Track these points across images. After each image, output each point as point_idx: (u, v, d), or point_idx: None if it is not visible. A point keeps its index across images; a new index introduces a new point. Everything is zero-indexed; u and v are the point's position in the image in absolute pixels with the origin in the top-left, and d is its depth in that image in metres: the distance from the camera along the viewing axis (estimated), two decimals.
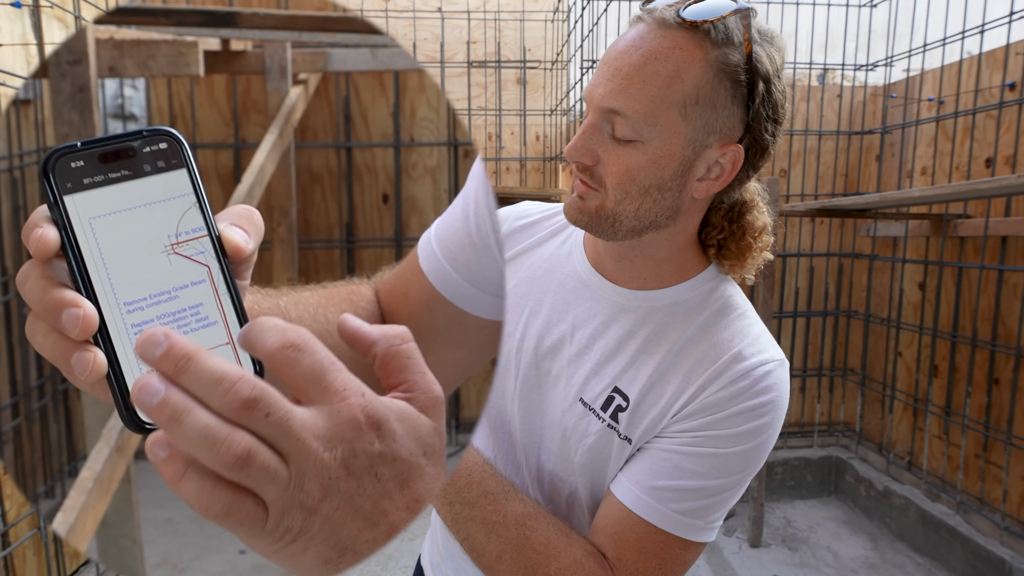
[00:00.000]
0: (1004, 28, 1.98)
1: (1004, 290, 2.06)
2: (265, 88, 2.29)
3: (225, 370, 0.25)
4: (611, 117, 0.57)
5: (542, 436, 0.66)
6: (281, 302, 0.53)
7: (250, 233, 0.30)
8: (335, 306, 0.58)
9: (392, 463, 0.26)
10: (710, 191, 0.60)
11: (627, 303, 0.64)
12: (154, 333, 0.25)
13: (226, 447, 0.24)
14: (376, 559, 2.05)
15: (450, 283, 0.61)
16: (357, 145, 2.79)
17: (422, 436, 0.27)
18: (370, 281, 0.66)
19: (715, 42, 0.55)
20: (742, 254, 0.64)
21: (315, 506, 0.25)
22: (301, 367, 0.26)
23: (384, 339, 0.29)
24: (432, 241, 0.64)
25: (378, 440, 0.26)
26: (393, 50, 2.34)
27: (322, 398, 0.26)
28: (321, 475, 0.25)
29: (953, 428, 2.25)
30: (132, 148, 0.28)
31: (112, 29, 1.80)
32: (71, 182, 0.27)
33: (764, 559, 2.23)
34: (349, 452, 0.25)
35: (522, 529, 0.57)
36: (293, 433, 0.25)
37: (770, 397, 0.59)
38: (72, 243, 0.27)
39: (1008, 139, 2.04)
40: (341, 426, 0.25)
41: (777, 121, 0.59)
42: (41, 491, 2.09)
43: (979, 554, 2.01)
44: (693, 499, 0.58)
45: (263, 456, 0.24)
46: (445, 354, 0.62)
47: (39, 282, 0.26)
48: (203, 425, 0.24)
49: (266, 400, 0.24)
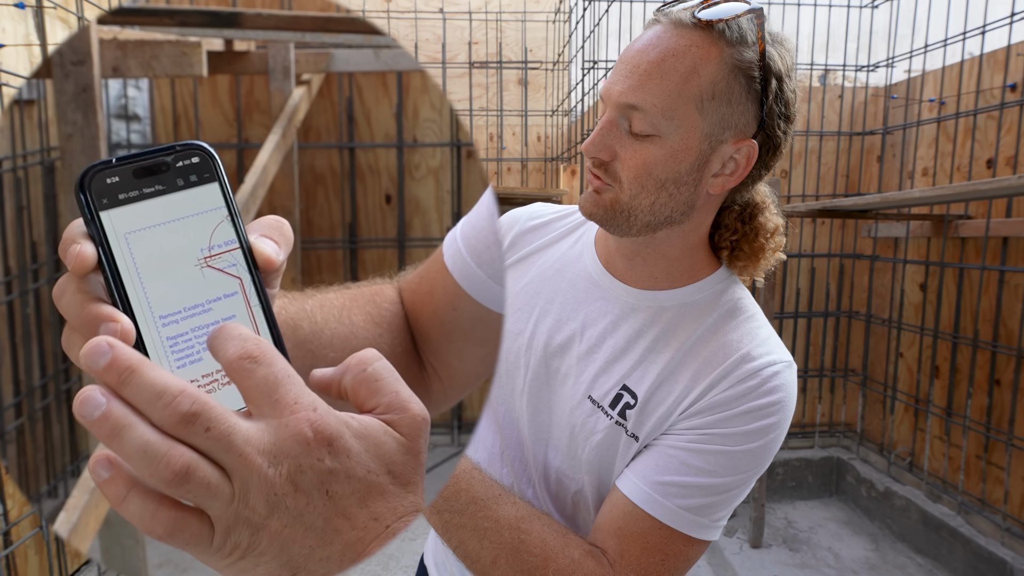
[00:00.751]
0: (1005, 29, 1.99)
1: (1005, 291, 2.06)
2: (268, 88, 2.30)
3: (167, 384, 0.24)
4: (629, 113, 0.58)
5: (550, 433, 0.67)
6: (307, 306, 0.54)
7: (280, 244, 0.30)
8: (359, 308, 0.59)
9: (346, 480, 0.25)
10: (725, 186, 0.61)
11: (637, 303, 0.65)
12: (99, 343, 0.24)
13: (165, 463, 0.23)
14: (377, 559, 2.05)
15: (475, 281, 0.62)
16: (360, 145, 2.79)
17: (386, 454, 0.26)
18: (393, 281, 0.66)
19: (730, 41, 0.57)
20: (755, 255, 0.65)
21: (262, 522, 0.25)
22: (255, 379, 0.25)
23: (348, 370, 0.28)
24: (458, 239, 0.65)
25: (329, 457, 0.25)
26: (396, 51, 2.34)
27: (271, 412, 0.25)
28: (266, 491, 0.24)
29: (954, 429, 2.25)
30: (165, 163, 0.29)
31: (116, 29, 1.81)
32: (107, 198, 0.28)
33: (765, 560, 2.23)
34: (296, 468, 0.25)
35: (516, 533, 0.57)
36: (235, 448, 0.24)
37: (777, 397, 0.60)
38: (109, 258, 0.27)
39: (1009, 140, 2.05)
40: (287, 441, 0.25)
41: (789, 119, 0.60)
42: (44, 491, 2.09)
43: (980, 555, 2.01)
44: (698, 496, 0.59)
45: (203, 472, 0.24)
46: (468, 351, 0.63)
47: (76, 296, 0.27)
48: (143, 440, 0.24)
49: (206, 415, 0.24)
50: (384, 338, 0.60)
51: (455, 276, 0.63)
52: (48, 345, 2.05)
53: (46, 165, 2.04)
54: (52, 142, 2.00)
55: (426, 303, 0.64)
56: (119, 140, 2.54)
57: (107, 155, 1.58)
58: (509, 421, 0.70)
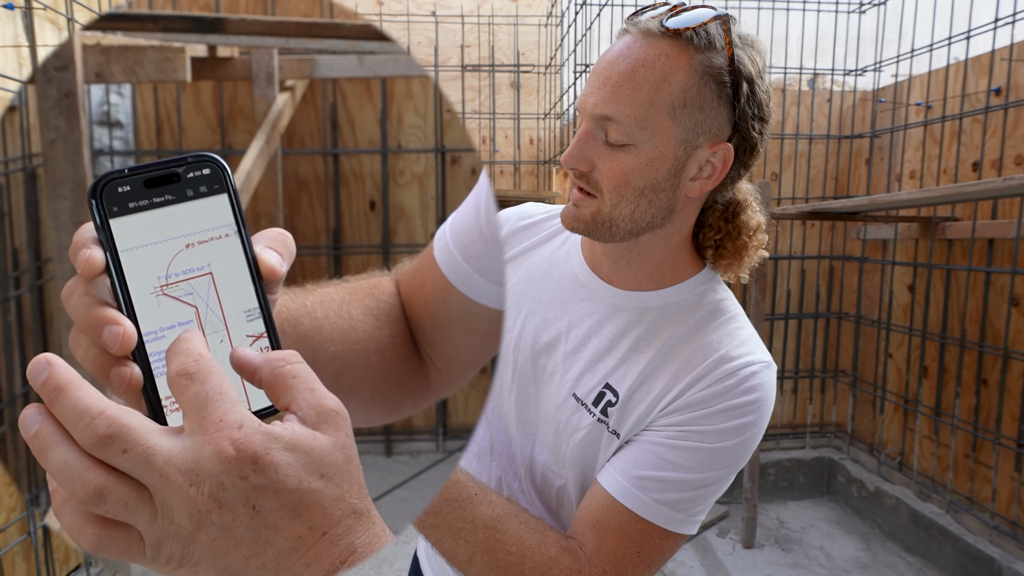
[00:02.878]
0: (989, 34, 2.01)
1: (991, 292, 2.08)
2: (252, 94, 2.27)
3: (88, 405, 0.25)
4: (604, 123, 0.59)
5: (537, 430, 0.68)
6: (307, 302, 0.55)
7: (284, 256, 0.32)
8: (358, 301, 0.60)
9: (274, 495, 0.26)
10: (703, 189, 0.62)
11: (621, 303, 0.66)
12: (40, 360, 0.25)
13: (80, 484, 0.24)
14: (370, 563, 2.04)
15: (461, 274, 0.63)
16: (344, 152, 2.78)
17: (318, 458, 0.27)
18: (391, 273, 0.68)
19: (698, 47, 0.58)
20: (738, 253, 0.66)
21: (190, 536, 0.25)
22: (187, 395, 0.26)
23: (267, 363, 0.29)
24: (447, 233, 0.66)
25: (254, 474, 0.25)
26: (380, 56, 2.33)
27: (197, 429, 0.26)
28: (189, 508, 0.25)
29: (943, 428, 2.27)
30: (176, 174, 0.30)
31: (99, 35, 1.78)
32: (117, 206, 0.29)
33: (757, 560, 2.23)
34: (217, 486, 0.25)
35: (491, 532, 0.58)
36: (155, 468, 0.25)
37: (755, 397, 0.61)
38: (116, 264, 0.28)
39: (994, 143, 2.07)
40: (208, 460, 0.25)
41: (763, 119, 0.62)
42: (27, 499, 2.06)
43: (969, 553, 2.03)
44: (675, 491, 0.60)
45: (118, 493, 0.25)
46: (461, 341, 0.64)
47: (83, 299, 0.28)
48: (61, 461, 0.25)
49: (123, 437, 0.25)
50: (383, 330, 0.61)
51: (443, 269, 0.64)
52: (30, 353, 2.01)
53: (28, 172, 2.01)
54: (34, 148, 1.96)
55: (419, 295, 0.65)
56: (101, 147, 2.50)
57: (89, 162, 1.55)
58: (497, 417, 0.72)
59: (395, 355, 0.61)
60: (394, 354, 0.61)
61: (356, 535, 0.27)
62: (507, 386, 0.70)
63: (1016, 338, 2.00)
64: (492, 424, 0.72)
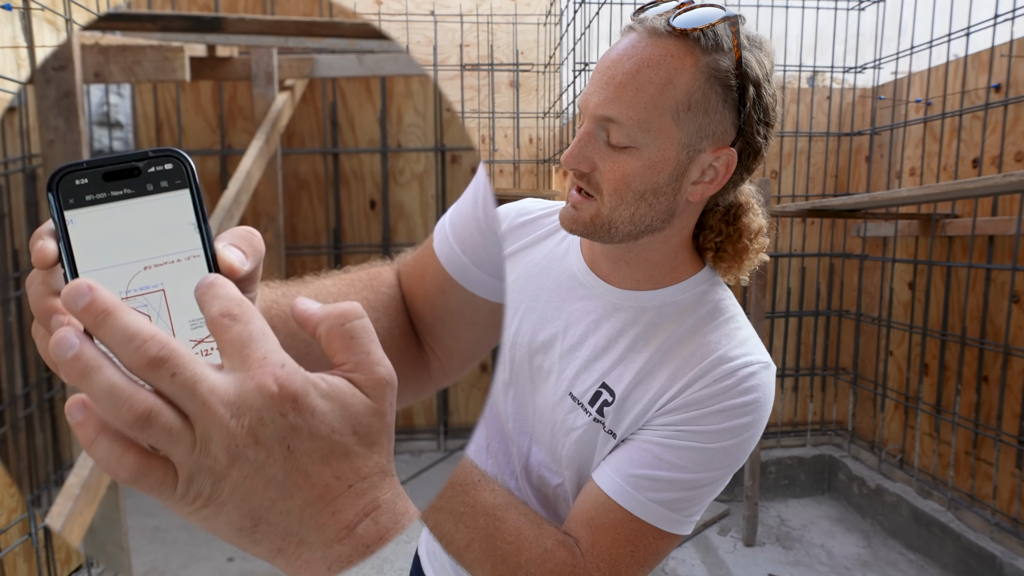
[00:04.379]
0: (989, 31, 2.01)
1: (992, 288, 2.08)
2: (251, 94, 2.27)
3: (139, 328, 0.25)
4: (606, 125, 0.58)
5: (533, 428, 0.68)
6: (304, 294, 0.54)
7: (247, 254, 0.31)
8: (356, 294, 0.61)
9: (309, 438, 0.26)
10: (704, 194, 0.61)
11: (620, 302, 0.66)
12: (79, 284, 0.25)
13: (128, 405, 0.24)
14: (371, 563, 2.04)
15: (459, 266, 0.63)
16: (344, 151, 2.77)
17: (354, 415, 0.27)
18: (393, 263, 0.68)
19: (705, 49, 0.56)
20: (739, 256, 0.65)
21: (223, 472, 0.25)
22: (230, 334, 0.26)
23: (328, 319, 0.29)
24: (446, 225, 0.66)
25: (292, 412, 0.26)
26: (380, 55, 2.33)
27: (241, 365, 0.26)
28: (227, 441, 0.25)
29: (943, 426, 2.27)
30: (137, 168, 0.29)
31: (97, 34, 1.78)
32: (73, 198, 0.29)
33: (759, 558, 2.23)
34: (257, 421, 0.25)
35: (491, 520, 0.58)
36: (199, 396, 0.25)
37: (752, 397, 0.60)
38: (69, 256, 0.28)
39: (994, 139, 2.07)
40: (251, 393, 0.25)
41: (769, 124, 0.60)
42: (28, 500, 2.06)
43: (970, 550, 2.03)
44: (670, 490, 0.60)
45: (165, 417, 0.25)
46: (461, 332, 0.64)
47: (38, 288, 0.29)
48: (110, 382, 0.24)
49: (174, 360, 0.25)
50: (381, 322, 0.61)
51: (441, 261, 0.64)
52: (30, 354, 2.01)
53: (28, 172, 2.01)
54: (34, 149, 1.96)
55: (419, 287, 0.65)
56: (101, 147, 2.50)
57: None
58: (494, 415, 0.72)
59: (394, 346, 0.62)
60: (393, 345, 0.61)
61: (381, 491, 0.27)
62: (504, 384, 0.69)
63: (1017, 335, 2.00)
64: (488, 422, 0.72)
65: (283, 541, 0.27)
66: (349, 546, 0.26)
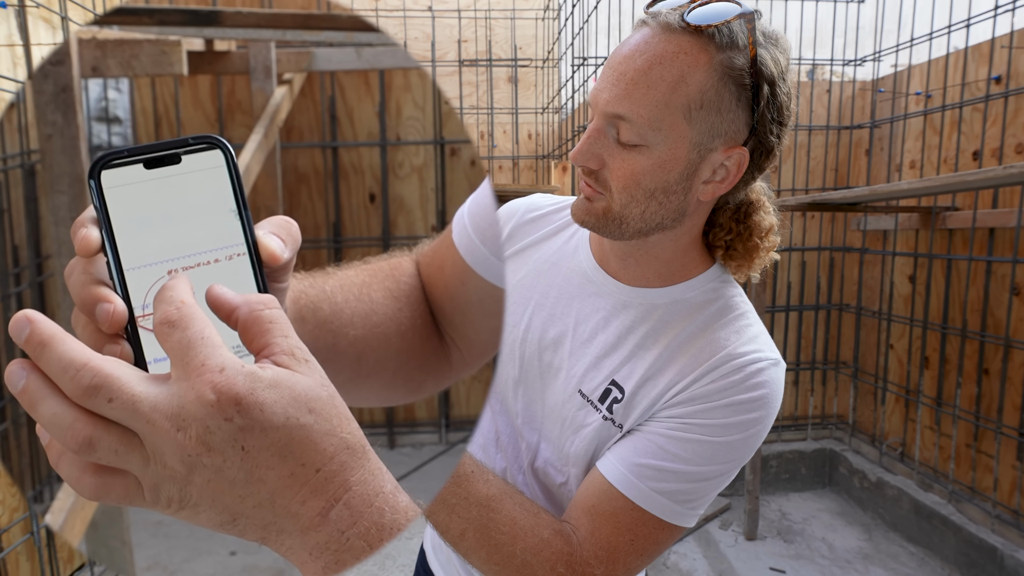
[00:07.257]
0: (989, 22, 2.00)
1: (992, 281, 2.08)
2: (250, 88, 2.27)
3: (72, 357, 0.25)
4: (616, 122, 0.57)
5: (542, 425, 0.68)
6: (327, 288, 0.55)
7: (287, 242, 0.32)
8: (379, 284, 0.61)
9: (262, 433, 0.26)
10: (715, 193, 0.61)
11: (629, 300, 0.65)
12: (20, 317, 0.26)
13: (70, 435, 0.25)
14: (374, 559, 2.04)
15: (479, 257, 0.63)
16: (343, 145, 2.77)
17: (302, 394, 0.27)
18: (412, 253, 0.68)
19: (720, 46, 0.55)
20: (749, 254, 0.65)
21: (185, 478, 0.26)
22: (170, 343, 0.27)
23: (245, 305, 0.29)
24: (465, 216, 0.65)
25: (238, 415, 0.26)
26: (378, 48, 2.32)
27: (181, 375, 0.26)
28: (179, 453, 0.25)
29: (944, 419, 2.27)
30: (177, 155, 0.30)
31: (95, 29, 1.78)
32: (115, 186, 0.29)
33: (760, 551, 2.24)
34: (203, 429, 0.25)
35: (486, 510, 0.58)
36: (141, 415, 0.25)
37: (760, 393, 0.60)
38: (112, 244, 0.29)
39: (994, 132, 2.06)
40: (192, 404, 0.25)
41: (782, 123, 0.59)
42: (30, 495, 2.06)
43: (971, 542, 2.03)
44: (673, 481, 0.59)
45: (107, 441, 0.25)
46: (481, 323, 0.64)
47: (80, 277, 0.29)
48: (51, 413, 0.25)
49: (108, 386, 0.25)
50: (404, 312, 0.61)
51: (461, 252, 0.64)
52: None
53: (26, 168, 2.00)
54: (32, 145, 1.96)
55: (438, 277, 0.65)
56: (100, 142, 2.50)
57: (87, 157, 1.55)
58: (503, 411, 0.72)
59: (416, 336, 0.62)
60: (415, 335, 0.61)
61: (351, 472, 0.27)
62: (513, 381, 0.69)
63: (1017, 327, 2.00)
64: (498, 417, 0.72)
65: (264, 531, 0.27)
66: (325, 533, 0.27)
